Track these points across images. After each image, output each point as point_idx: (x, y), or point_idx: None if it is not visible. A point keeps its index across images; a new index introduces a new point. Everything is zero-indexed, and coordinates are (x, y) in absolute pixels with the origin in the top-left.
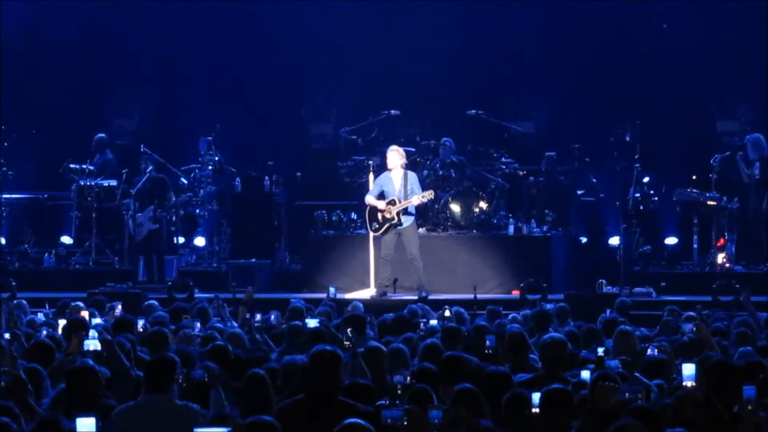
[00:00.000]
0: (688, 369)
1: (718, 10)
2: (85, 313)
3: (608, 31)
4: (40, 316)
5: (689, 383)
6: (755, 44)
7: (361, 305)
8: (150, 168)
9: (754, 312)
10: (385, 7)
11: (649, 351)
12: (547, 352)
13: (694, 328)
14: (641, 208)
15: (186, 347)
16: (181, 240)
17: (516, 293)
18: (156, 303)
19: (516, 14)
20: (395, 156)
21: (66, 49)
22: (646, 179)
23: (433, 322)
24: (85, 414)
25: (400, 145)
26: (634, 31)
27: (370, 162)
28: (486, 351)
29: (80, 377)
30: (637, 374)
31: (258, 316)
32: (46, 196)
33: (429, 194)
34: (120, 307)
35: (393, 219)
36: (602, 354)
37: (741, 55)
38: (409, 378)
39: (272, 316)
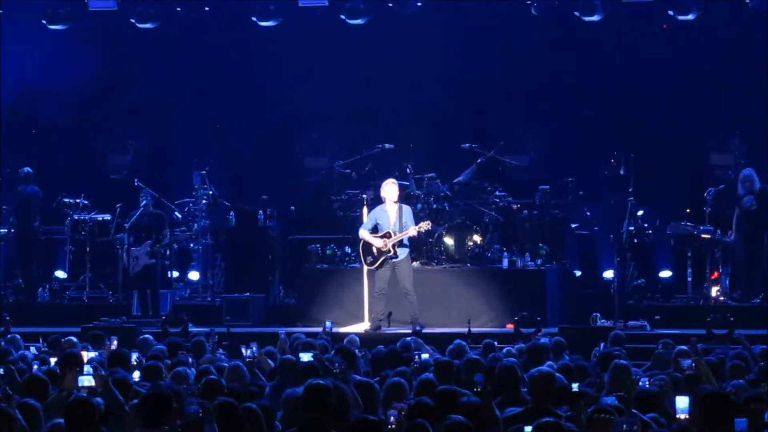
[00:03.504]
0: (682, 402)
1: (712, 44)
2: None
3: (603, 65)
4: (32, 350)
5: (683, 416)
6: (749, 77)
7: (357, 339)
8: (146, 202)
9: (749, 346)
10: (380, 42)
11: (640, 383)
12: (535, 385)
13: (693, 364)
14: (635, 241)
15: (178, 386)
16: (176, 274)
17: (510, 327)
18: (150, 337)
19: (509, 49)
20: (394, 189)
21: (61, 86)
22: (640, 212)
23: (425, 356)
24: None
25: (394, 178)
26: (629, 66)
27: (364, 196)
28: (476, 389)
29: (79, 411)
30: (634, 411)
31: (246, 351)
32: (40, 230)
33: (426, 225)
34: (116, 342)
35: (388, 252)
36: (576, 390)
37: (735, 89)
38: (403, 412)
39: (253, 347)
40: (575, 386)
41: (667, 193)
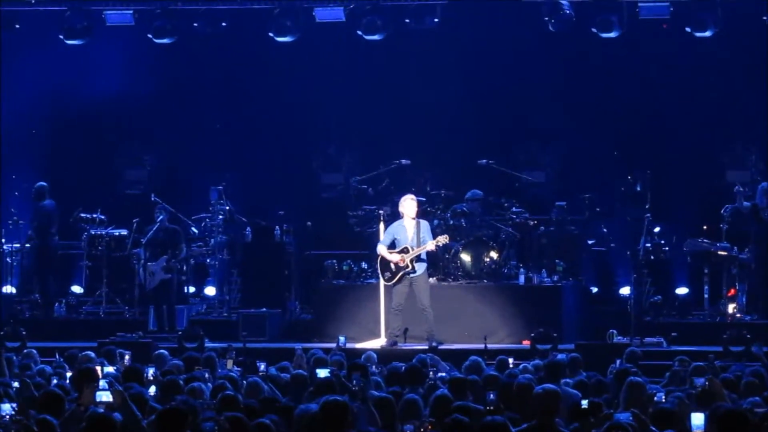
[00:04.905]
0: (698, 419)
1: (729, 60)
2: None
3: (619, 81)
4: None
5: None
6: (764, 94)
7: (375, 355)
8: (162, 217)
9: (766, 363)
10: (396, 58)
11: (656, 397)
12: (539, 402)
13: (707, 383)
14: (652, 258)
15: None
16: (192, 289)
17: (526, 343)
18: (166, 353)
19: (526, 65)
20: (413, 204)
21: (77, 101)
22: (656, 229)
23: (442, 373)
24: None
25: (411, 194)
26: (645, 82)
27: (381, 211)
28: (487, 407)
29: (98, 427)
30: (653, 428)
31: (262, 366)
32: (57, 245)
33: (443, 239)
34: (128, 356)
35: (407, 267)
36: (586, 406)
37: (751, 105)
38: (423, 429)
39: (262, 366)
40: (584, 403)
41: (683, 209)
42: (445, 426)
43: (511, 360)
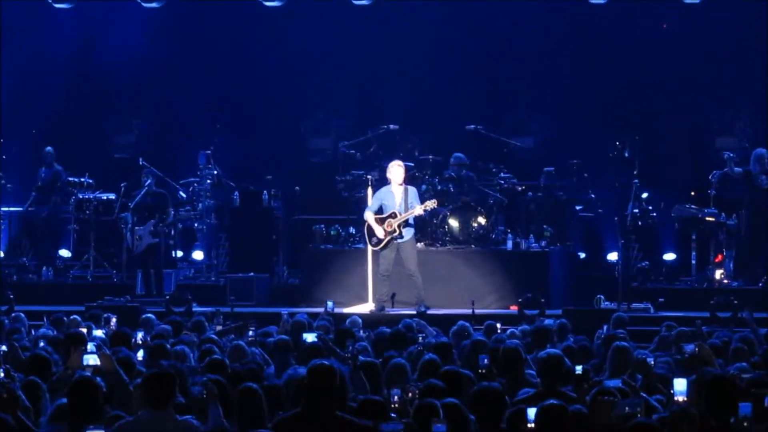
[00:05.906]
0: (680, 384)
1: (717, 26)
2: (83, 328)
3: (608, 46)
4: (43, 329)
5: (681, 398)
6: (754, 60)
7: (360, 319)
8: (149, 182)
9: (756, 328)
10: (385, 23)
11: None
12: (544, 367)
13: (696, 349)
14: (640, 223)
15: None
16: (180, 254)
17: (514, 308)
18: (153, 317)
19: (515, 30)
20: (400, 170)
21: (65, 64)
22: (644, 195)
23: (429, 339)
24: (94, 427)
25: (399, 159)
26: (634, 48)
27: (369, 176)
28: (480, 370)
29: (83, 390)
30: (643, 394)
31: (251, 332)
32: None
33: (431, 203)
34: (114, 319)
35: (394, 232)
36: (580, 372)
37: (740, 71)
38: (410, 393)
39: (250, 332)
40: (579, 368)
41: (671, 175)
42: (420, 391)
43: (498, 325)
